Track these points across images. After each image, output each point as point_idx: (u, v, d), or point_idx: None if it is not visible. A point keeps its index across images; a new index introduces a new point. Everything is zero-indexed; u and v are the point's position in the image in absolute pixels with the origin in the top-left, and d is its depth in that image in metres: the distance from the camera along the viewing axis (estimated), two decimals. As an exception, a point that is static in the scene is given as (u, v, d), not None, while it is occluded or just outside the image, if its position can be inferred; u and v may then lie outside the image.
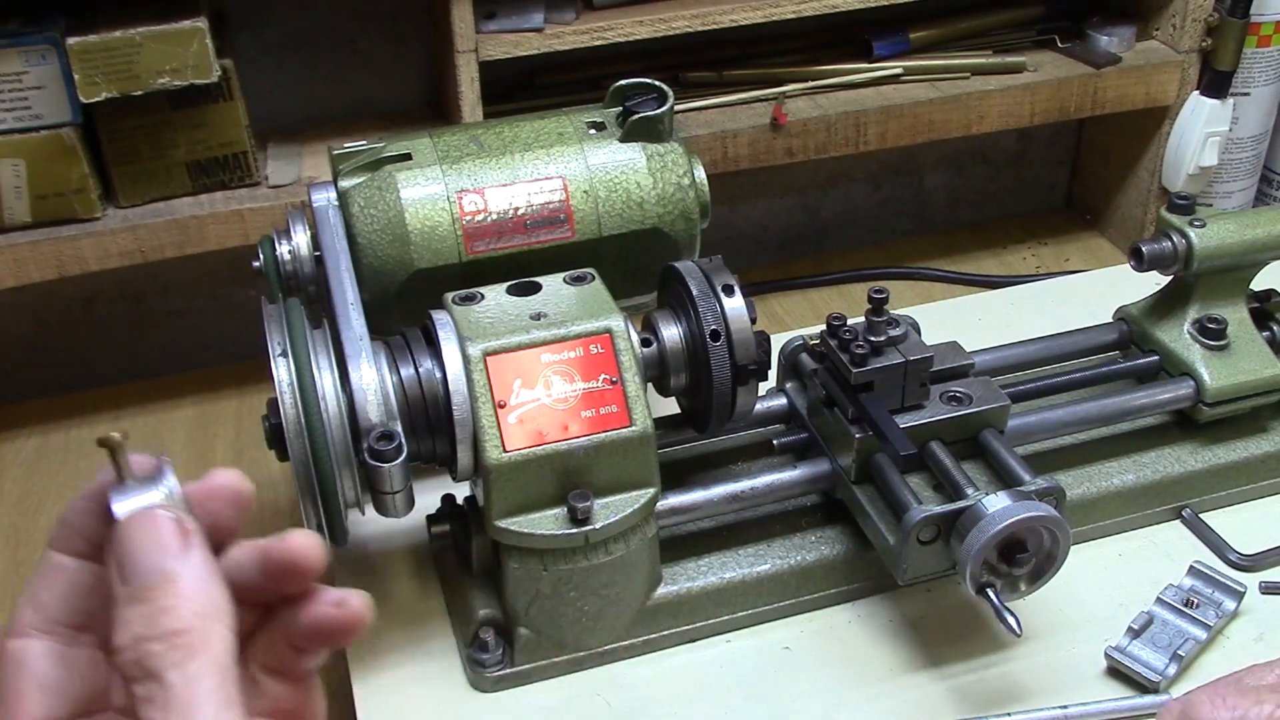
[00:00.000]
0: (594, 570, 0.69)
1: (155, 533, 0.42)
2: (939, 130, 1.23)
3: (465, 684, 0.73)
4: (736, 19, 1.13)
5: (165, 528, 0.42)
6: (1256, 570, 0.78)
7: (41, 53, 0.99)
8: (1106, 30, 1.29)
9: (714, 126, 1.17)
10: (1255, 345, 0.83)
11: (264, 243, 0.77)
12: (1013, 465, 0.71)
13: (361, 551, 0.81)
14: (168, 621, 0.40)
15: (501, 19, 1.09)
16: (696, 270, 0.72)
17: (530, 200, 0.76)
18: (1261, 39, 1.27)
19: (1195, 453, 0.83)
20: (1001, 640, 0.74)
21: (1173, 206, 0.83)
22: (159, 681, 0.39)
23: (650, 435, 0.68)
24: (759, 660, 0.74)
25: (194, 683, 0.39)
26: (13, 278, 1.05)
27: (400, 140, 0.78)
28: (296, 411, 0.62)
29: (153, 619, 0.40)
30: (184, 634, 0.40)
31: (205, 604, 0.41)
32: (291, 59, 1.19)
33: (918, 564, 0.69)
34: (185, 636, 0.40)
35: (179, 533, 0.42)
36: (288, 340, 0.63)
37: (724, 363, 0.70)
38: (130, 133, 1.04)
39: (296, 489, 0.62)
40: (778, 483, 0.76)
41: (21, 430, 1.18)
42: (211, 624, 0.40)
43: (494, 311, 0.69)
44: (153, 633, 0.40)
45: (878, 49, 1.25)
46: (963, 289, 1.35)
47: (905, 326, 0.74)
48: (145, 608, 0.40)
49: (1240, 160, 1.35)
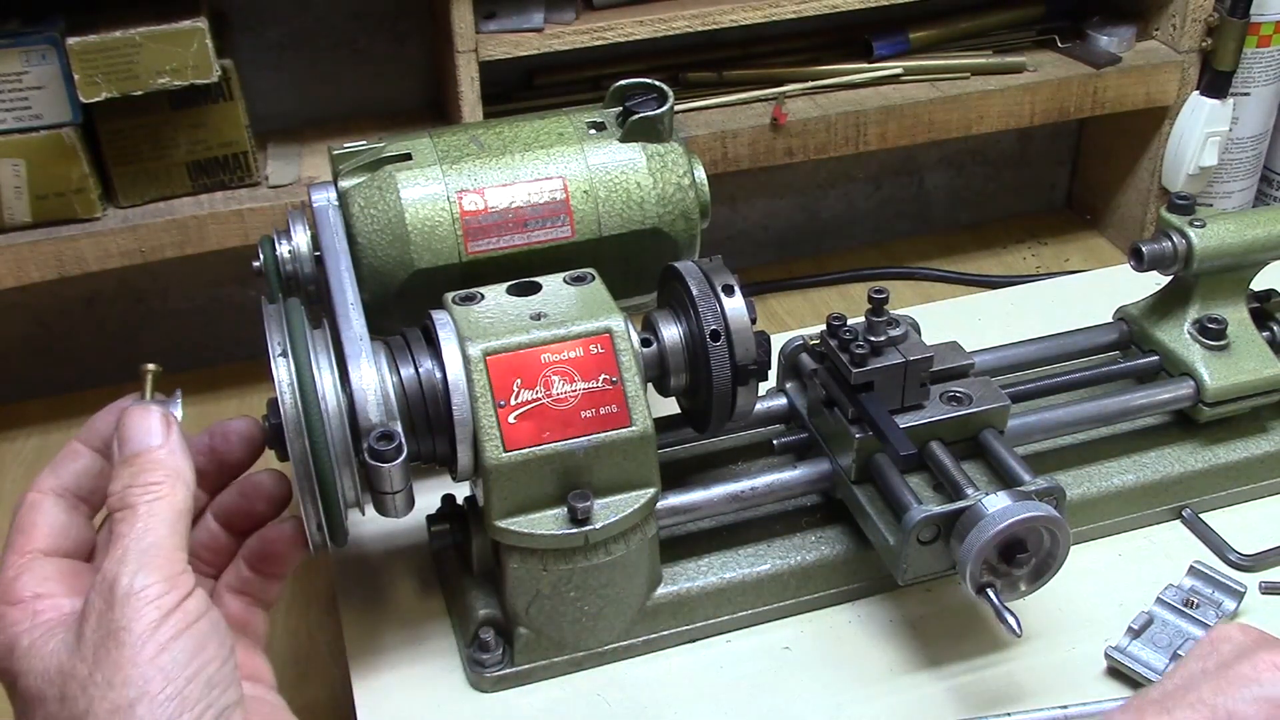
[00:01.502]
0: (594, 570, 0.69)
1: (147, 419, 0.58)
2: (939, 130, 1.23)
3: (465, 684, 0.73)
4: (736, 19, 1.13)
5: (154, 416, 0.58)
6: (1256, 570, 0.78)
7: (41, 53, 0.99)
8: (1106, 30, 1.29)
9: (714, 126, 1.17)
10: (1255, 345, 0.83)
11: (264, 243, 0.77)
12: (1013, 465, 0.71)
13: (361, 551, 0.81)
14: (145, 476, 0.56)
15: (501, 19, 1.09)
16: (696, 270, 0.72)
17: (530, 200, 0.76)
18: (1261, 39, 1.27)
19: (1195, 453, 0.83)
20: (1001, 640, 0.74)
21: (1173, 206, 0.83)
22: (132, 509, 0.55)
23: (650, 435, 0.68)
24: (759, 660, 0.74)
25: (156, 513, 0.55)
26: (13, 278, 1.05)
27: (400, 140, 0.78)
28: (296, 411, 0.62)
29: (135, 474, 0.56)
30: (155, 485, 0.55)
31: (174, 469, 0.57)
32: (291, 59, 1.19)
33: (918, 564, 0.69)
34: (156, 487, 0.55)
35: (164, 420, 0.58)
36: (288, 340, 0.63)
37: (724, 363, 0.70)
38: (130, 133, 1.04)
39: (296, 489, 0.62)
40: (778, 483, 0.76)
41: (21, 430, 1.18)
42: (176, 482, 0.56)
43: (494, 311, 0.69)
44: (134, 482, 0.56)
45: (878, 49, 1.25)
46: (963, 289, 1.35)
47: (905, 326, 0.74)
48: (132, 468, 0.56)
49: (1240, 160, 1.35)
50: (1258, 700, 0.53)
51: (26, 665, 0.52)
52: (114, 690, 0.50)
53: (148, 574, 0.52)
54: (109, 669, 0.50)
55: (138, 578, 0.52)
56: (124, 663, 0.50)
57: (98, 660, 0.50)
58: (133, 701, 0.49)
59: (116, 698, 0.49)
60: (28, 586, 0.55)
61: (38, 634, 0.53)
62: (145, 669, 0.50)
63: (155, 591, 0.52)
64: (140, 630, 0.51)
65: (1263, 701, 0.53)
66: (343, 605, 0.77)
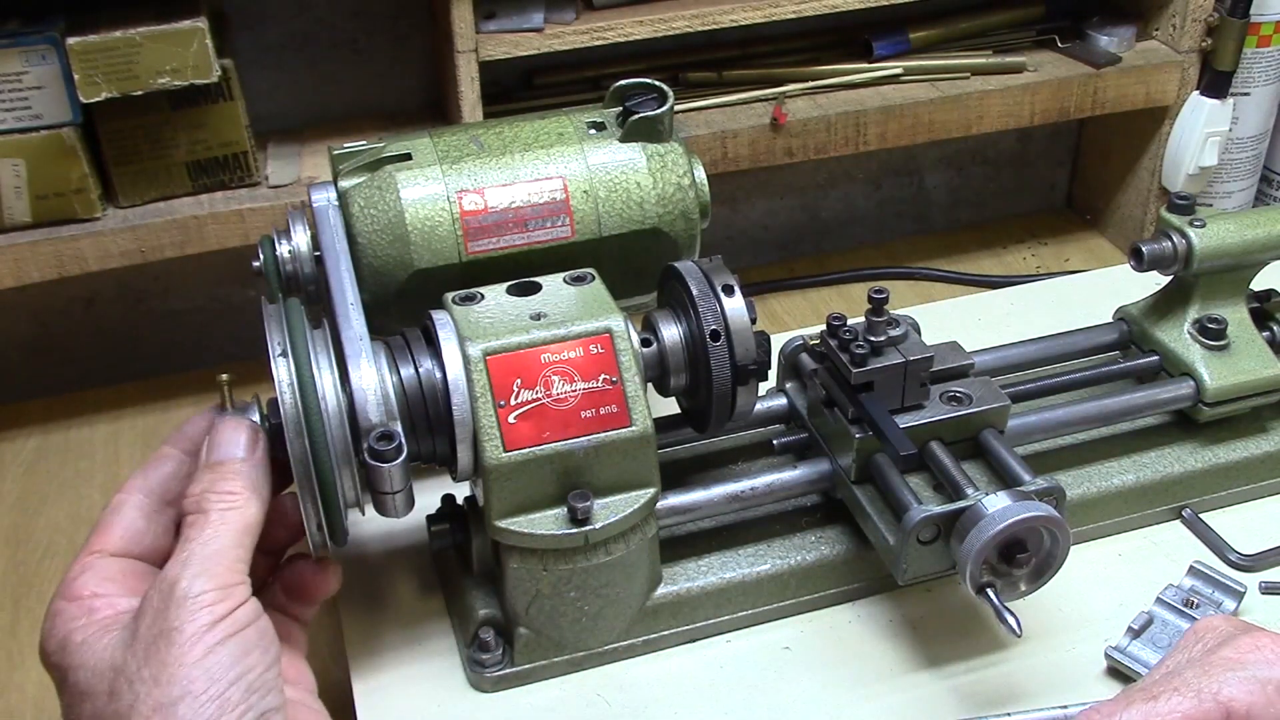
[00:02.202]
0: (594, 570, 0.69)
1: (238, 432, 0.61)
2: (939, 130, 1.23)
3: (465, 684, 0.73)
4: (736, 19, 1.13)
5: (245, 430, 0.62)
6: (1256, 570, 0.78)
7: (41, 53, 0.99)
8: (1106, 30, 1.29)
9: (714, 126, 1.17)
10: (1255, 345, 0.83)
11: (264, 243, 0.77)
12: (1013, 465, 0.71)
13: (361, 551, 0.81)
14: (224, 484, 0.59)
15: (501, 19, 1.09)
16: (696, 270, 0.72)
17: (530, 200, 0.76)
18: (1261, 39, 1.27)
19: (1195, 453, 0.83)
20: (1001, 640, 0.74)
21: (1173, 206, 0.83)
22: (205, 515, 0.57)
23: (650, 435, 0.68)
24: (759, 660, 0.74)
25: (227, 522, 0.57)
26: (13, 278, 1.05)
27: (400, 140, 0.78)
28: (296, 411, 0.62)
29: (216, 480, 0.59)
30: (232, 494, 0.58)
31: (252, 484, 0.59)
32: (291, 59, 1.19)
33: (918, 564, 0.69)
34: (232, 497, 0.58)
35: (252, 436, 0.61)
36: (288, 340, 0.63)
37: (724, 363, 0.70)
38: (130, 133, 1.04)
39: (297, 489, 0.62)
40: (778, 483, 0.76)
41: (21, 430, 1.18)
42: (252, 496, 0.59)
43: (494, 311, 0.69)
44: (213, 488, 0.58)
45: (878, 49, 1.25)
46: (963, 289, 1.35)
47: (905, 326, 0.74)
48: (213, 474, 0.59)
49: (1240, 160, 1.35)
50: (1243, 681, 0.54)
51: (79, 660, 0.54)
52: (159, 688, 0.52)
53: (206, 580, 0.54)
54: (156, 666, 0.52)
55: (196, 582, 0.54)
56: (171, 661, 0.52)
57: (148, 657, 0.52)
58: (176, 700, 0.51)
59: (161, 695, 0.51)
60: (87, 585, 0.57)
61: (91, 631, 0.55)
62: (191, 670, 0.52)
63: (210, 598, 0.54)
64: (191, 632, 0.53)
65: (1248, 681, 0.54)
66: (343, 605, 0.77)
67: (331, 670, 0.87)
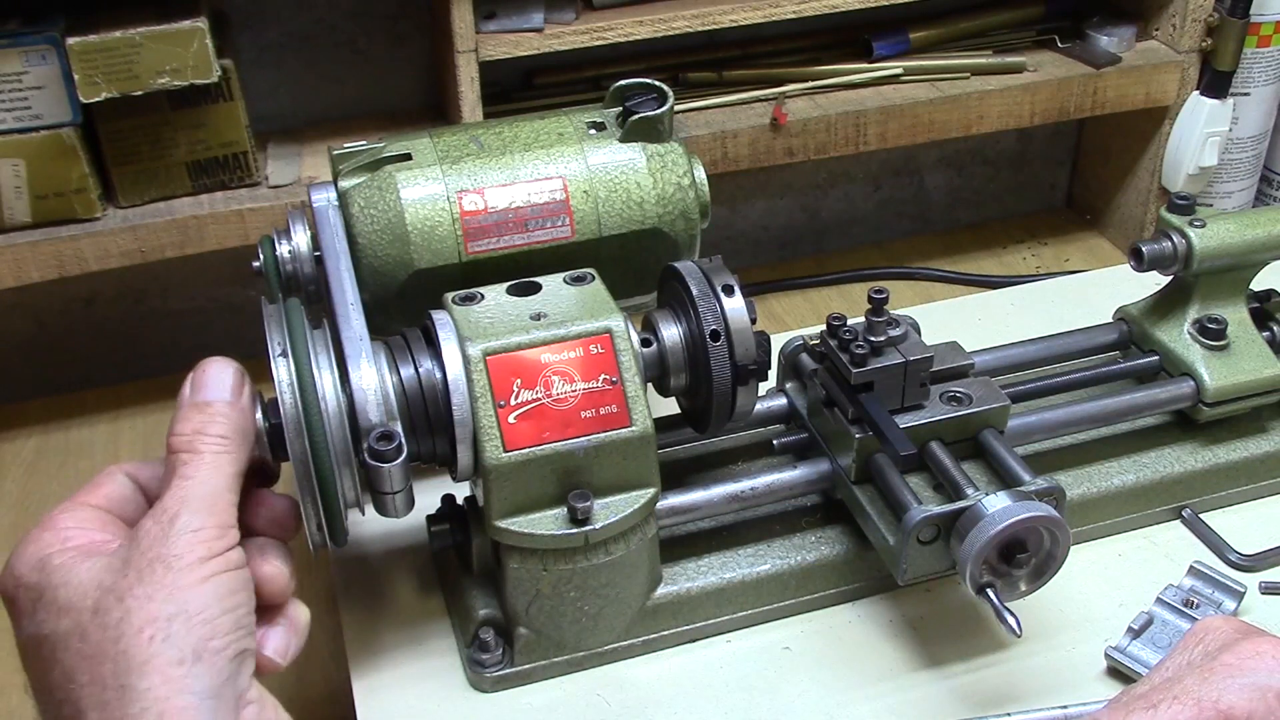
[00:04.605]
0: (594, 570, 0.69)
1: (226, 374, 0.61)
2: (939, 130, 1.23)
3: (465, 684, 0.73)
4: (736, 19, 1.13)
5: (234, 373, 0.61)
6: (1256, 570, 0.78)
7: (41, 53, 0.99)
8: (1106, 30, 1.29)
9: (714, 126, 1.17)
10: (1255, 345, 0.83)
11: (264, 243, 0.77)
12: (1013, 465, 0.71)
13: (361, 551, 0.81)
14: (216, 428, 0.59)
15: (501, 19, 1.09)
16: (696, 270, 0.72)
17: (530, 200, 0.76)
18: (1261, 39, 1.27)
19: (1195, 453, 0.83)
20: (1001, 640, 0.74)
21: (1173, 206, 0.83)
22: (199, 455, 0.58)
23: (650, 435, 0.68)
24: (759, 660, 0.74)
25: (220, 466, 0.58)
26: (13, 278, 1.05)
27: (400, 140, 0.78)
28: (296, 411, 0.62)
29: (208, 423, 0.59)
30: (224, 439, 0.59)
31: (242, 430, 0.60)
32: (291, 59, 1.19)
33: (918, 564, 0.69)
34: (224, 440, 0.59)
35: (239, 376, 0.62)
36: (288, 340, 0.63)
37: (724, 363, 0.70)
38: (130, 133, 1.04)
39: (296, 489, 0.62)
40: (778, 483, 0.76)
41: (21, 430, 1.18)
42: (241, 442, 0.60)
43: (494, 311, 0.69)
44: (205, 430, 0.58)
45: (878, 49, 1.25)
46: (963, 289, 1.35)
47: (905, 326, 0.74)
48: (203, 415, 0.59)
49: (1240, 160, 1.35)
50: (1243, 688, 0.53)
51: (61, 579, 0.55)
52: (153, 603, 0.53)
53: (205, 518, 0.56)
54: (151, 586, 0.53)
55: (195, 518, 0.56)
56: (169, 584, 0.53)
57: (141, 578, 0.54)
58: (171, 616, 0.53)
59: (155, 610, 0.53)
60: (64, 522, 0.58)
61: (69, 555, 0.56)
62: (188, 592, 0.53)
63: (209, 534, 0.56)
64: (190, 560, 0.54)
65: (1248, 688, 0.53)
66: (343, 605, 0.77)
67: (331, 670, 0.87)
